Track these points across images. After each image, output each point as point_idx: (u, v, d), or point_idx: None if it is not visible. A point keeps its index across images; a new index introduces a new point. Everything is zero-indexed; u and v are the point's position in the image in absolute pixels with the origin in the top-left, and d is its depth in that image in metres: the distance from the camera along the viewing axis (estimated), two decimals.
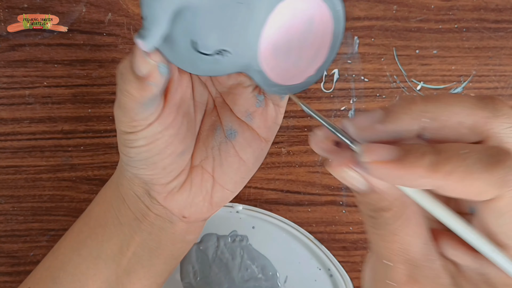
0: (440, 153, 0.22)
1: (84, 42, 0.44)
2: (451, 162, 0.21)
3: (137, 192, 0.34)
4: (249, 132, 0.33)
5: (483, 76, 0.48)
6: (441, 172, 0.21)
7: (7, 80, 0.44)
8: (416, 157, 0.22)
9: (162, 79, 0.26)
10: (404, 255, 0.24)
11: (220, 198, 0.34)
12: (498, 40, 0.48)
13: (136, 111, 0.28)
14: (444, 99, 0.23)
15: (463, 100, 0.23)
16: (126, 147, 0.31)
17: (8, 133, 0.45)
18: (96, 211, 0.37)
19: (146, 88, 0.27)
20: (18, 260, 0.45)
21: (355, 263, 0.48)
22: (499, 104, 0.23)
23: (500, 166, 0.21)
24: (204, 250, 0.46)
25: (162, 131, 0.30)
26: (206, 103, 0.35)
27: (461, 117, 0.23)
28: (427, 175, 0.21)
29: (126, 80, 0.27)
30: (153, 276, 0.36)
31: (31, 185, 0.45)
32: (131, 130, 0.30)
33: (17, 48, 0.44)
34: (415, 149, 0.22)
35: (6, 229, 0.45)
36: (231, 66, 0.26)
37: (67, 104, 0.45)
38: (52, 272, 0.36)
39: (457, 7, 0.47)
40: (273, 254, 0.46)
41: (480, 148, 0.22)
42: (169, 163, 0.32)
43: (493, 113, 0.23)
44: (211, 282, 0.46)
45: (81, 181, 0.45)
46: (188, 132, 0.33)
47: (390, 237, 0.24)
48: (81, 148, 0.45)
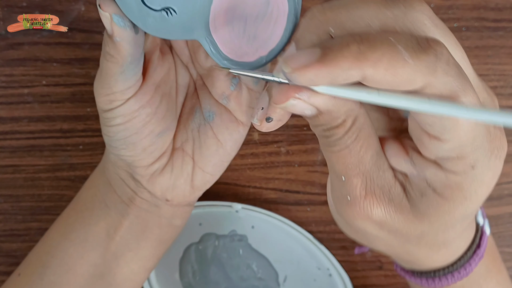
0: (366, 41, 0.21)
1: (83, 41, 0.44)
2: (379, 49, 0.20)
3: (121, 175, 0.35)
4: (226, 114, 0.34)
5: (483, 75, 0.47)
6: (370, 59, 0.20)
7: (6, 79, 0.44)
8: (341, 48, 0.21)
9: (125, 33, 0.27)
10: (358, 167, 0.25)
11: (200, 181, 0.35)
12: (498, 39, 0.47)
13: (116, 77, 0.29)
14: (347, 4, 0.22)
15: (368, 2, 0.22)
16: (105, 126, 0.32)
17: (6, 132, 0.45)
18: (84, 195, 0.37)
19: (119, 48, 0.27)
20: (16, 260, 0.45)
21: (354, 263, 0.48)
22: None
23: (429, 53, 0.21)
24: (203, 250, 0.46)
25: (138, 109, 0.31)
26: (187, 86, 0.35)
27: (368, 20, 0.22)
28: (354, 65, 0.20)
29: (104, 43, 0.28)
30: (141, 259, 0.36)
31: (30, 184, 0.45)
32: (109, 106, 0.30)
33: (16, 47, 0.44)
34: (338, 41, 0.21)
35: (5, 229, 0.45)
36: (180, 29, 0.26)
37: (66, 103, 0.45)
38: (41, 256, 0.37)
39: (457, 6, 0.47)
40: (272, 253, 0.46)
41: (409, 35, 0.21)
42: (148, 144, 0.32)
43: (403, 10, 0.22)
44: (210, 281, 0.46)
45: (80, 180, 0.45)
46: (168, 113, 0.33)
47: (344, 152, 0.24)
48: (80, 147, 0.45)
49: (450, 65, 0.21)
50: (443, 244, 0.28)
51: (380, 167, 0.25)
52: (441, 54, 0.21)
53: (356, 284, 0.47)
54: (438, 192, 0.24)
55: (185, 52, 0.35)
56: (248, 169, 0.46)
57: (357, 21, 0.22)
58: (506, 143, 0.24)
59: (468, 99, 0.21)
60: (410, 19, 0.22)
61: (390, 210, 0.25)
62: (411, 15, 0.22)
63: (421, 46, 0.21)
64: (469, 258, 0.30)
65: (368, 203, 0.25)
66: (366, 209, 0.25)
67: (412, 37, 0.21)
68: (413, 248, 0.28)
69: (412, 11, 0.22)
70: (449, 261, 0.30)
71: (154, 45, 0.33)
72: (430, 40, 0.21)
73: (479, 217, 0.31)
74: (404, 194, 0.25)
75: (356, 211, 0.25)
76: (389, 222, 0.25)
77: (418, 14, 0.22)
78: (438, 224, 0.25)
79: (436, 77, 0.21)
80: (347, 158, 0.24)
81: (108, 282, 0.36)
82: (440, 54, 0.21)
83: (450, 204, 0.24)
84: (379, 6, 0.22)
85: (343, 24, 0.22)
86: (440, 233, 0.26)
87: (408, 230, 0.26)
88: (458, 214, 0.25)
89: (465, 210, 0.25)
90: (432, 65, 0.21)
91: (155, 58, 0.32)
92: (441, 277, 0.30)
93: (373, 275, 0.48)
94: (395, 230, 0.26)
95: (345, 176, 0.25)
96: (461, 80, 0.21)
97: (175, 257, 0.46)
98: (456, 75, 0.21)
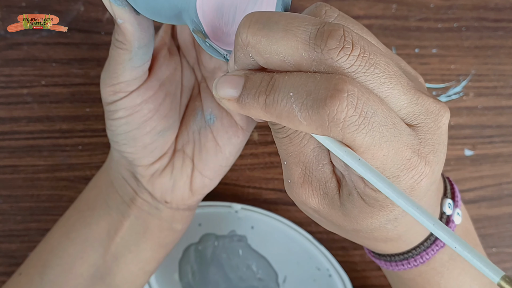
0: (272, 93, 0.22)
1: (82, 41, 0.44)
2: (279, 106, 0.22)
3: (124, 174, 0.35)
4: (227, 118, 0.34)
5: (482, 75, 0.47)
6: (273, 114, 0.22)
7: (5, 79, 0.44)
8: (253, 97, 0.23)
9: (124, 13, 0.27)
10: (298, 157, 0.26)
11: (199, 184, 0.35)
12: (498, 39, 0.47)
13: (124, 65, 0.30)
14: (270, 33, 0.22)
15: (290, 36, 0.22)
16: (108, 120, 0.32)
17: (5, 132, 0.45)
18: (86, 195, 0.38)
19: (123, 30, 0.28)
20: (16, 260, 0.45)
21: (354, 263, 0.48)
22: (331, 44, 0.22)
23: (322, 114, 0.21)
24: (202, 250, 0.46)
25: (141, 104, 0.32)
26: (192, 88, 0.36)
27: (284, 56, 0.22)
28: (264, 117, 0.23)
29: (114, 31, 0.29)
30: (141, 262, 0.36)
31: (29, 184, 0.45)
32: (113, 98, 0.31)
33: (15, 47, 0.44)
34: (253, 86, 0.23)
35: (4, 229, 0.45)
36: (169, 10, 0.26)
37: (65, 103, 0.45)
38: (42, 256, 0.37)
39: (457, 6, 0.47)
40: (272, 254, 0.46)
41: (309, 88, 0.22)
42: (149, 141, 0.33)
43: (320, 56, 0.22)
44: (210, 282, 0.46)
45: (79, 180, 0.45)
46: (171, 112, 0.34)
47: (285, 140, 0.25)
48: (79, 147, 0.45)
49: (346, 120, 0.21)
50: (386, 239, 0.28)
51: (320, 161, 0.26)
52: (334, 113, 0.21)
53: (356, 285, 0.47)
54: (361, 195, 0.25)
55: (192, 54, 0.35)
56: (247, 169, 0.46)
57: (274, 53, 0.23)
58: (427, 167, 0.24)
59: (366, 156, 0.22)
60: (326, 67, 0.22)
61: (324, 203, 0.26)
62: (328, 64, 0.22)
63: (316, 104, 0.21)
64: (426, 247, 0.30)
65: (304, 191, 0.26)
66: (302, 195, 0.26)
67: (312, 90, 0.22)
68: (355, 238, 0.29)
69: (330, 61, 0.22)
70: (403, 250, 0.30)
71: (162, 43, 0.33)
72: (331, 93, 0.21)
73: (445, 207, 0.30)
74: (337, 191, 0.26)
75: (295, 193, 0.26)
76: (323, 212, 0.26)
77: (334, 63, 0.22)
78: (366, 224, 0.25)
79: (331, 135, 0.22)
80: (288, 146, 0.25)
81: (107, 283, 0.36)
82: (332, 113, 0.21)
83: (371, 209, 0.25)
84: (298, 45, 0.22)
85: (261, 53, 0.23)
86: (374, 231, 0.26)
87: (342, 224, 0.26)
88: (382, 218, 0.25)
89: (387, 215, 0.25)
90: (324, 125, 0.22)
91: (162, 56, 0.33)
92: (397, 262, 0.31)
93: (373, 276, 0.48)
94: (331, 221, 0.27)
95: (286, 162, 0.26)
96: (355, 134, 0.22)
97: (174, 257, 0.46)
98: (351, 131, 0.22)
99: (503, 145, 0.48)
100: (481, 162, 0.48)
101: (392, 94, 0.23)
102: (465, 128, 0.48)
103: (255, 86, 0.23)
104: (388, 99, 0.23)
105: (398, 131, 0.23)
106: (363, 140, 0.22)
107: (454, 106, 0.47)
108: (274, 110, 0.22)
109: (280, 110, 0.22)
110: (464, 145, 0.48)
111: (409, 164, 0.23)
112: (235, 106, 0.24)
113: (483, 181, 0.48)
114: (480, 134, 0.48)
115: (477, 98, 0.48)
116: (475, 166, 0.48)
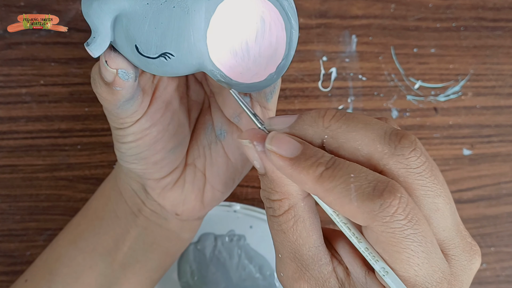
0: (332, 168, 0.23)
1: (81, 41, 0.44)
2: (334, 181, 0.22)
3: (133, 186, 0.35)
4: (238, 133, 0.33)
5: (481, 75, 0.48)
6: (323, 186, 0.23)
7: (4, 78, 0.44)
8: (310, 165, 0.23)
9: (126, 84, 0.27)
10: (294, 254, 0.25)
11: (210, 197, 0.35)
12: (496, 39, 0.48)
13: (115, 111, 0.29)
14: (352, 122, 0.24)
15: (369, 129, 0.23)
16: (117, 142, 0.32)
17: (4, 132, 0.44)
18: (95, 204, 0.37)
19: (115, 93, 0.27)
20: (14, 260, 0.45)
21: None
22: (404, 142, 0.23)
23: (375, 201, 0.22)
24: (201, 250, 0.46)
25: (150, 127, 0.31)
26: (202, 102, 0.35)
27: (359, 144, 0.23)
28: (311, 185, 0.23)
29: (97, 84, 0.28)
30: (148, 271, 0.36)
31: (28, 184, 0.45)
32: (119, 126, 0.30)
33: (14, 47, 0.44)
34: (313, 155, 0.23)
35: (3, 229, 0.45)
36: (182, 67, 0.26)
37: (64, 103, 0.45)
38: (49, 263, 0.36)
39: (455, 5, 0.47)
40: (271, 253, 0.46)
41: (369, 178, 0.22)
42: (160, 159, 0.32)
43: (392, 151, 0.23)
44: (209, 281, 0.46)
45: (78, 180, 0.45)
46: (180, 129, 0.33)
47: (281, 235, 0.25)
48: (78, 147, 0.45)
49: (394, 216, 0.22)
50: None
51: (318, 260, 0.25)
52: (387, 205, 0.22)
53: None
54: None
55: None
56: None
57: (350, 140, 0.23)
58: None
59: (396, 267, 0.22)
60: (395, 161, 0.23)
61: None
62: (397, 159, 0.23)
63: (374, 191, 0.22)
64: None
65: (299, 287, 0.25)
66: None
67: (372, 180, 0.22)
68: None
69: (401, 157, 0.23)
70: None
71: None
72: (388, 188, 0.22)
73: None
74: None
75: (290, 287, 0.26)
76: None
77: (400, 158, 0.23)
78: None
79: (374, 224, 0.22)
80: (284, 240, 0.25)
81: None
82: (385, 205, 0.22)
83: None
84: (374, 137, 0.23)
85: (338, 137, 0.24)
86: None
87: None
88: None
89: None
90: (372, 212, 0.22)
91: (165, 78, 0.32)
92: None
93: None
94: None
95: (281, 255, 0.25)
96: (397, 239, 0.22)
97: None
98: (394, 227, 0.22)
99: (502, 145, 0.48)
100: (479, 162, 0.48)
101: (443, 210, 0.23)
102: (464, 128, 0.48)
103: (315, 156, 0.23)
104: (439, 213, 0.23)
105: (435, 251, 0.23)
106: None
107: (453, 106, 0.48)
108: (328, 183, 0.23)
109: (334, 185, 0.22)
110: (463, 144, 0.48)
111: (439, 286, 0.23)
112: (285, 164, 0.24)
113: (481, 180, 0.48)
114: (479, 133, 0.48)
115: (475, 97, 0.48)
116: (474, 165, 0.48)
